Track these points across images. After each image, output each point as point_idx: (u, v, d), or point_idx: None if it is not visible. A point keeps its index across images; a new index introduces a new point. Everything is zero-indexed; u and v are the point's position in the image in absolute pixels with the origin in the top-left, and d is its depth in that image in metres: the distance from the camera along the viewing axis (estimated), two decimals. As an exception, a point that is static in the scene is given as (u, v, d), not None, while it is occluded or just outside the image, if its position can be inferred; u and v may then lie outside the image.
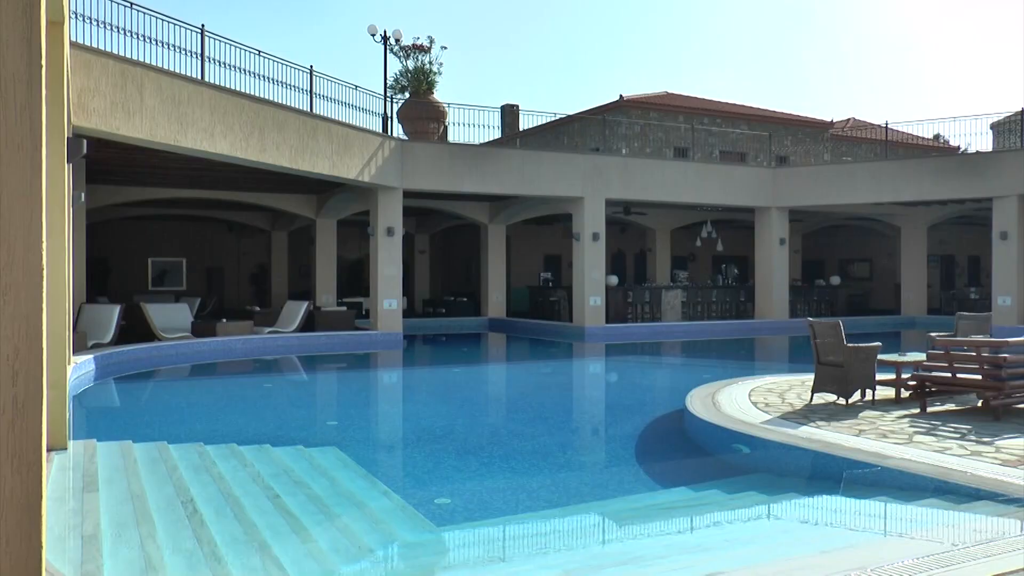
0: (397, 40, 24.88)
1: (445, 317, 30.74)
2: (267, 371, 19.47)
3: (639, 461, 9.77)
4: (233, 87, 18.11)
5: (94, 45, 14.63)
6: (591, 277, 26.11)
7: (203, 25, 17.69)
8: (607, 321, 26.70)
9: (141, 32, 15.95)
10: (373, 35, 25.11)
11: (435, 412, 13.60)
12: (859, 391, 11.17)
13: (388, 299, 23.28)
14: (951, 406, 10.86)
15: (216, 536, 5.94)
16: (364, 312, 27.21)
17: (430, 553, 6.45)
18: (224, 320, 21.37)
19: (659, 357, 23.60)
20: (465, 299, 31.87)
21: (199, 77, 17.31)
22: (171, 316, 20.48)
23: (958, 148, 35.97)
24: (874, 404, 11.01)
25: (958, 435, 8.89)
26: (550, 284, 31.77)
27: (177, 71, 16.58)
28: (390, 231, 23.23)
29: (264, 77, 19.27)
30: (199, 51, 17.54)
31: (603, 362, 22.14)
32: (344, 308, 24.89)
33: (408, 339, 24.78)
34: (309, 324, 22.63)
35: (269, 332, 21.67)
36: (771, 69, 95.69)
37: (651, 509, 7.73)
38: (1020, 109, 29.97)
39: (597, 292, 26.24)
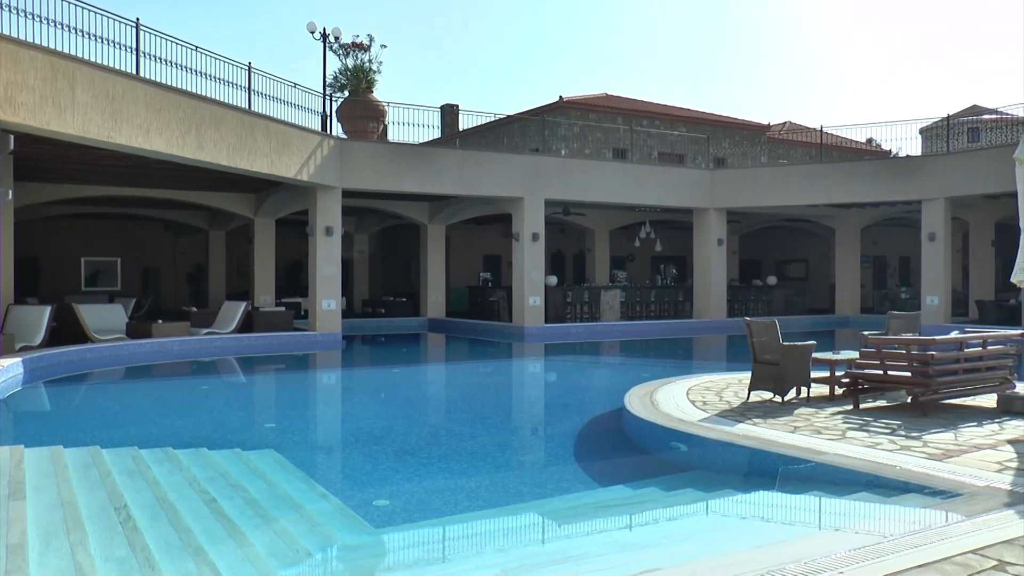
0: (336, 38, 24.66)
1: (384, 317, 30.59)
2: (204, 373, 19.19)
3: (578, 460, 9.81)
4: (169, 83, 17.80)
5: (22, 37, 14.28)
6: (530, 277, 26.18)
7: (138, 19, 17.36)
8: (546, 321, 26.78)
9: (73, 25, 15.59)
10: (312, 32, 24.87)
11: (374, 413, 13.53)
12: (795, 389, 11.37)
13: (327, 299, 23.09)
14: (882, 402, 11.10)
15: (150, 542, 5.83)
16: (303, 312, 26.94)
17: (368, 555, 6.41)
18: (160, 321, 20.99)
19: (598, 357, 23.73)
20: (405, 299, 31.74)
21: (134, 72, 16.98)
22: (105, 317, 20.07)
23: (889, 152, 36.72)
24: (809, 401, 11.21)
25: (888, 430, 9.09)
26: (489, 284, 31.80)
27: (111, 66, 16.24)
28: (329, 231, 23.05)
29: (201, 73, 18.98)
30: (134, 46, 17.21)
31: (542, 362, 22.21)
32: (283, 308, 24.62)
33: (347, 340, 24.62)
34: (247, 325, 22.36)
35: (206, 333, 21.36)
36: (709, 72, 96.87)
37: (589, 507, 7.77)
38: (946, 116, 30.71)
39: (536, 292, 26.32)
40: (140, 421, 12.37)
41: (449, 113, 38.45)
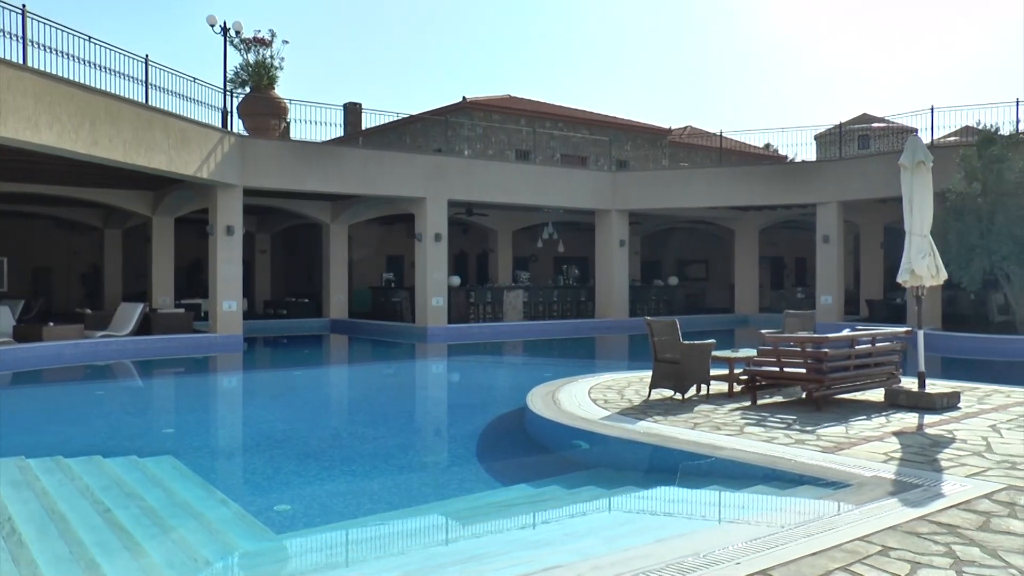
0: (237, 32, 24.18)
1: (286, 318, 30.17)
2: (99, 377, 18.62)
3: (480, 460, 9.85)
4: (61, 74, 17.13)
5: None
6: (433, 278, 26.11)
7: (24, 5, 16.60)
8: (449, 322, 26.76)
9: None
10: (212, 26, 24.30)
11: (275, 416, 13.32)
12: (694, 386, 11.59)
13: (228, 300, 22.63)
14: (779, 398, 11.41)
15: (38, 556, 5.63)
16: (203, 314, 26.33)
17: (270, 561, 6.31)
18: (51, 324, 20.28)
19: (501, 357, 23.81)
20: (307, 300, 31.34)
21: (21, 61, 16.27)
22: (-10, 320, 19.34)
23: (786, 157, 37.76)
24: (708, 398, 11.45)
25: (784, 425, 9.35)
26: (392, 285, 31.61)
27: (-6, 55, 15.53)
28: (230, 230, 22.59)
29: (96, 65, 18.27)
30: (20, 33, 16.50)
31: (445, 362, 22.19)
32: (182, 310, 24.04)
33: (248, 342, 24.17)
34: (145, 327, 21.77)
35: (101, 336, 20.72)
36: (611, 76, 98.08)
37: (492, 507, 7.80)
38: (839, 123, 31.77)
39: (439, 293, 26.27)
40: (28, 429, 11.90)
41: (352, 112, 38.12)
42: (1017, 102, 24.49)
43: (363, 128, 37.06)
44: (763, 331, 12.80)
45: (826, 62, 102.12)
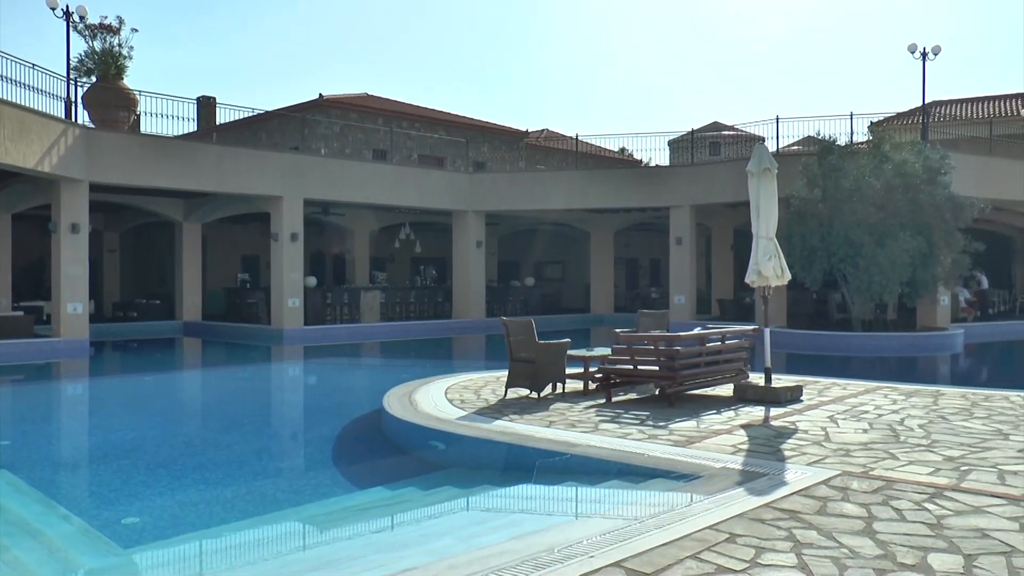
0: (82, 17, 23.01)
1: (137, 321, 29.09)
2: (-75, 385, 17.49)
3: (336, 464, 9.73)
4: None
5: None
6: (290, 278, 25.65)
7: None
8: (306, 323, 26.31)
9: None
10: (53, 8, 22.95)
11: (124, 425, 12.77)
12: (550, 385, 11.74)
13: (73, 302, 21.58)
14: (633, 395, 11.67)
15: None
16: (45, 317, 25.07)
17: (116, 576, 6.06)
18: None
19: (358, 358, 23.56)
20: (159, 302, 30.26)
21: None
22: None
23: (641, 161, 38.69)
24: (564, 396, 11.62)
25: (638, 421, 9.58)
26: (248, 286, 30.86)
27: None
28: (75, 228, 21.54)
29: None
30: None
31: (302, 365, 21.83)
32: (21, 313, 22.77)
33: (96, 346, 23.05)
34: (-23, 332, 20.56)
35: (-73, 341, 19.47)
36: (468, 78, 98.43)
37: (348, 511, 7.71)
38: (691, 130, 32.80)
39: (296, 293, 25.82)
40: None
41: (206, 106, 37.03)
42: (851, 115, 26.68)
43: (218, 123, 35.96)
44: (617, 330, 13.06)
45: (676, 72, 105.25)
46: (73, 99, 22.57)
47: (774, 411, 10.27)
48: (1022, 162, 28.55)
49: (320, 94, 35.90)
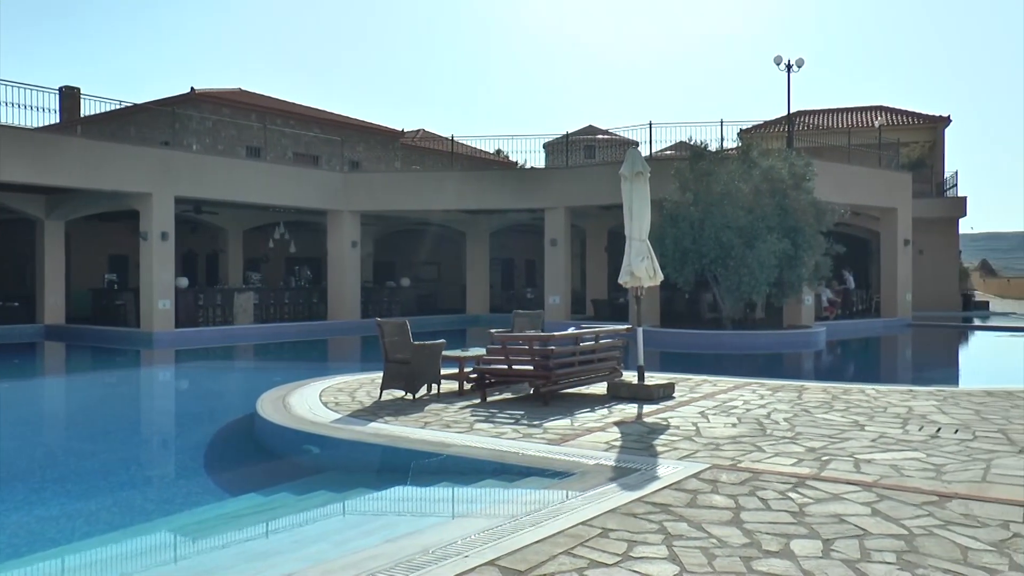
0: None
1: (-9, 325, 27.67)
2: None
3: (208, 471, 9.47)
4: None
5: None
6: (160, 279, 24.82)
7: None
8: (177, 325, 25.50)
9: None
10: None
11: (-25, 433, 12.13)
12: (426, 386, 11.72)
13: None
14: (508, 395, 11.74)
15: None
16: None
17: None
18: None
19: (232, 362, 22.98)
20: (17, 304, 28.81)
21: None
22: None
23: (516, 163, 38.99)
24: (439, 397, 11.61)
25: (513, 420, 9.63)
26: (115, 286, 29.72)
27: None
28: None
29: None
30: None
31: (172, 369, 21.19)
32: None
33: (-56, 351, 21.88)
34: None
35: None
36: (345, 76, 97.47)
37: (219, 519, 7.51)
38: (566, 133, 33.23)
39: (166, 295, 25.02)
40: None
41: (70, 97, 35.53)
42: (722, 123, 27.56)
43: (83, 116, 34.48)
44: (493, 330, 13.11)
45: (557, 73, 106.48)
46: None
47: (647, 408, 10.48)
48: (877, 170, 29.98)
49: (192, 88, 34.91)
